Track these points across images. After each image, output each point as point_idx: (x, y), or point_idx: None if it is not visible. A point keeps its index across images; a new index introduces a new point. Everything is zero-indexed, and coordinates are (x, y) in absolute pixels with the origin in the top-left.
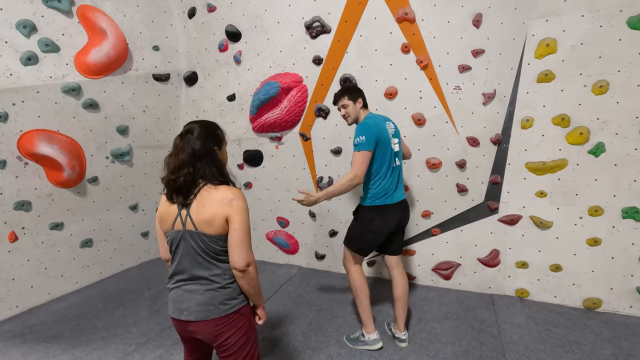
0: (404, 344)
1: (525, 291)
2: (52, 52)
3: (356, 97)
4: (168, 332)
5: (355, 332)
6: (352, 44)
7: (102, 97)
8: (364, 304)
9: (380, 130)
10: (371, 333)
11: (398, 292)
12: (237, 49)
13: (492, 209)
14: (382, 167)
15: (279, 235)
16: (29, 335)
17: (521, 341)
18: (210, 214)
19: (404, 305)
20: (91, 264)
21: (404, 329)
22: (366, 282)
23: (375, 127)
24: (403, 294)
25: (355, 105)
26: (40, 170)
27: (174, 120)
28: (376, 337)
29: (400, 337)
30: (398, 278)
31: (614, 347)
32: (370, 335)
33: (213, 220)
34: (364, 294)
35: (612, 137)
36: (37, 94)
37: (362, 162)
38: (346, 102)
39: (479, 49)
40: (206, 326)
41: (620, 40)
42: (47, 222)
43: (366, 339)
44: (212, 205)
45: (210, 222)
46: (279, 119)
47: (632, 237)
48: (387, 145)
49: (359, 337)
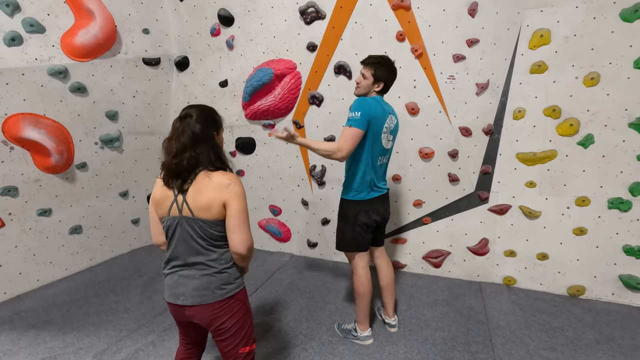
0: (394, 329)
1: (513, 279)
2: (37, 33)
3: (380, 78)
4: (160, 318)
5: (348, 324)
6: (347, 31)
7: (90, 80)
8: (364, 305)
9: (376, 115)
10: (364, 330)
11: (385, 281)
12: (230, 34)
13: (483, 198)
14: (369, 159)
15: (271, 223)
16: (18, 322)
17: (507, 327)
18: (207, 200)
19: (391, 294)
20: (81, 250)
21: (393, 314)
22: (370, 284)
23: (373, 108)
24: (390, 283)
25: (373, 85)
26: (27, 155)
27: (165, 106)
28: (368, 334)
29: (391, 323)
30: (384, 267)
31: (595, 332)
32: (363, 332)
33: (210, 206)
34: (365, 295)
35: (601, 129)
36: (22, 76)
37: (350, 138)
38: (368, 74)
39: (474, 39)
40: (203, 311)
41: (613, 32)
42: (34, 208)
43: (358, 334)
44: (209, 190)
45: (207, 207)
46: (272, 106)
47: (617, 226)
48: (377, 136)
49: (352, 331)
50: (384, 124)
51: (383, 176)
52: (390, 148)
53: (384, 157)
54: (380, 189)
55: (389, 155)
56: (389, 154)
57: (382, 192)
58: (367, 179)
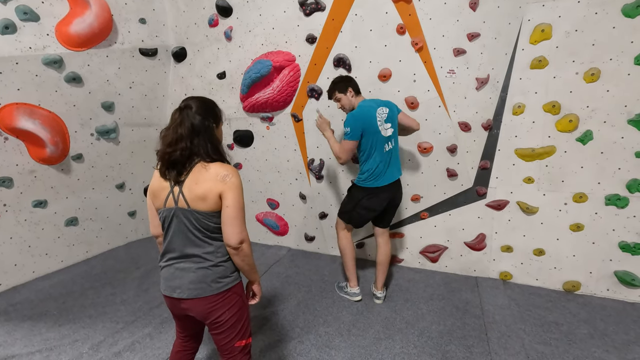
0: (379, 301)
1: (509, 274)
2: (32, 21)
3: (345, 88)
4: (157, 310)
5: (342, 283)
6: (346, 23)
7: (85, 70)
8: (349, 263)
9: (366, 120)
10: (353, 287)
11: (380, 257)
12: (228, 25)
13: (481, 194)
14: (372, 153)
15: (268, 216)
16: (13, 314)
17: (503, 321)
18: (203, 190)
19: (384, 269)
20: (77, 242)
21: (381, 288)
22: (352, 245)
23: (361, 118)
24: (384, 260)
25: (347, 95)
26: (22, 145)
27: (162, 97)
28: (357, 291)
29: (377, 295)
30: (382, 245)
31: (590, 327)
32: (353, 289)
33: (206, 197)
34: (349, 255)
35: (600, 125)
36: (16, 65)
37: (348, 149)
38: (338, 96)
39: (475, 33)
40: (198, 304)
41: (614, 28)
42: (29, 199)
43: (349, 290)
44: (206, 181)
45: (204, 198)
46: (270, 99)
47: (613, 223)
48: (375, 133)
49: (344, 287)
50: (376, 119)
51: (395, 161)
52: (392, 134)
53: (389, 143)
54: (390, 176)
55: (394, 140)
56: (394, 139)
57: (392, 179)
58: (377, 170)
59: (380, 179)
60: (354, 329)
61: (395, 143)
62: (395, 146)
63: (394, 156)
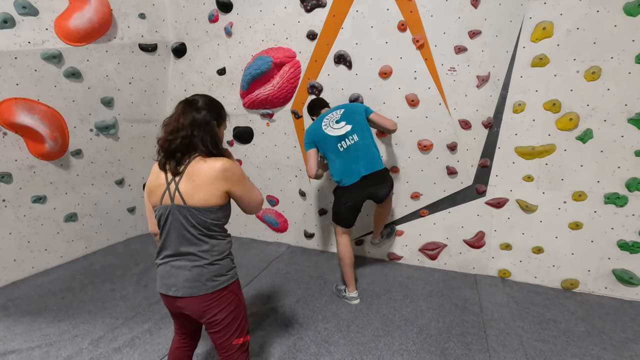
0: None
1: (508, 272)
2: (30, 16)
3: (311, 114)
4: (156, 306)
5: (341, 286)
6: (347, 20)
7: (84, 66)
8: (347, 270)
9: (312, 131)
10: (351, 292)
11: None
12: (228, 21)
13: (480, 192)
14: (330, 157)
15: (268, 213)
16: (13, 309)
17: (501, 319)
18: (200, 186)
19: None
20: (76, 238)
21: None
22: (351, 251)
23: (309, 132)
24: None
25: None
26: (21, 141)
27: (162, 93)
28: (354, 295)
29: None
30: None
31: (587, 325)
32: (351, 293)
33: (203, 192)
34: (348, 261)
35: (600, 124)
36: (14, 60)
37: (306, 160)
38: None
39: (476, 30)
40: (194, 302)
41: (616, 26)
42: (29, 195)
43: (347, 295)
44: (202, 177)
45: (200, 193)
46: (270, 95)
47: (612, 221)
48: (324, 138)
49: (342, 291)
50: (321, 125)
51: (363, 156)
52: (349, 131)
53: (344, 141)
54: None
55: (355, 135)
56: (355, 134)
57: (359, 175)
58: (341, 170)
59: (347, 177)
60: (353, 326)
61: (359, 138)
62: (360, 142)
63: (360, 152)
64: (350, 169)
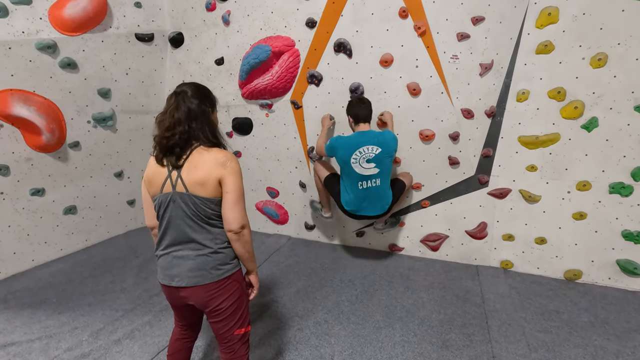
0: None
1: (510, 262)
2: (24, 5)
3: (348, 114)
4: (156, 299)
5: (318, 204)
6: (347, 7)
7: (80, 56)
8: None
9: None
10: (326, 213)
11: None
12: (226, 9)
13: (483, 182)
14: (345, 181)
15: (268, 205)
16: (13, 301)
17: (503, 310)
18: (202, 175)
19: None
20: (76, 231)
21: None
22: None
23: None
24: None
25: (349, 120)
26: (17, 133)
27: (159, 84)
28: (329, 215)
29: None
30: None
31: (590, 316)
32: (326, 213)
33: (206, 182)
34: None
35: (605, 112)
36: (9, 50)
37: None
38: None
39: (479, 16)
40: (198, 292)
41: (624, 11)
42: (27, 187)
43: (322, 213)
44: (205, 166)
45: (203, 183)
46: (269, 85)
47: (617, 211)
48: (346, 165)
49: (318, 209)
50: (352, 154)
51: (375, 200)
52: (375, 174)
53: (366, 182)
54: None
55: (374, 180)
56: (378, 179)
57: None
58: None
59: (352, 207)
60: (354, 317)
61: (381, 183)
62: (380, 186)
63: (375, 195)
64: (360, 205)
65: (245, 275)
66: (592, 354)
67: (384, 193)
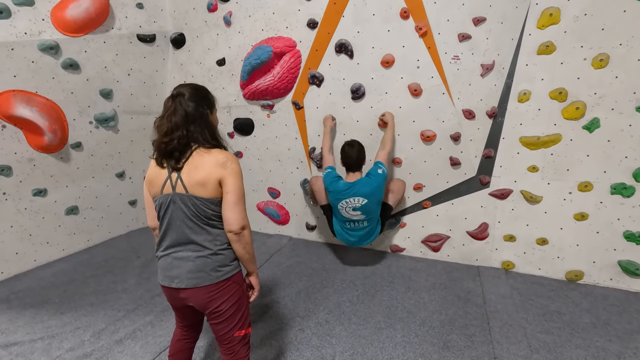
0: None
1: (511, 263)
2: (26, 6)
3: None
4: (158, 299)
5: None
6: (349, 7)
7: (82, 57)
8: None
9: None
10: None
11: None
12: (227, 10)
13: (484, 183)
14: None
15: (269, 205)
16: (15, 302)
17: (505, 310)
18: (203, 176)
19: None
20: (78, 231)
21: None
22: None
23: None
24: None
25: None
26: (20, 133)
27: (161, 85)
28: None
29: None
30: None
31: (592, 317)
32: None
33: (206, 183)
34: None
35: (607, 113)
36: (11, 51)
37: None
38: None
39: (480, 17)
40: (198, 293)
41: (625, 11)
42: (29, 188)
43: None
44: (205, 167)
45: (203, 184)
46: (270, 86)
47: (618, 212)
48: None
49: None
50: (340, 202)
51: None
52: (358, 219)
53: (352, 223)
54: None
55: (360, 222)
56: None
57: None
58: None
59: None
60: (355, 318)
61: (367, 224)
62: (366, 227)
63: (361, 234)
64: (347, 239)
65: (245, 276)
66: (594, 355)
67: (371, 230)
